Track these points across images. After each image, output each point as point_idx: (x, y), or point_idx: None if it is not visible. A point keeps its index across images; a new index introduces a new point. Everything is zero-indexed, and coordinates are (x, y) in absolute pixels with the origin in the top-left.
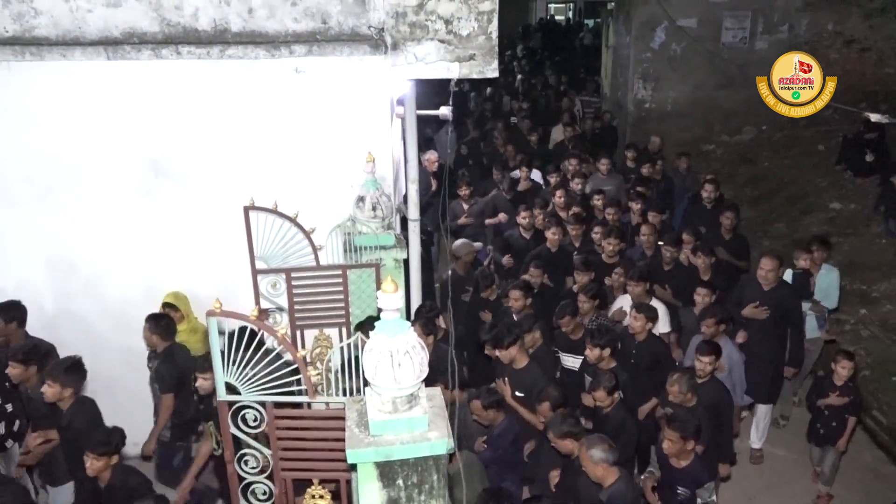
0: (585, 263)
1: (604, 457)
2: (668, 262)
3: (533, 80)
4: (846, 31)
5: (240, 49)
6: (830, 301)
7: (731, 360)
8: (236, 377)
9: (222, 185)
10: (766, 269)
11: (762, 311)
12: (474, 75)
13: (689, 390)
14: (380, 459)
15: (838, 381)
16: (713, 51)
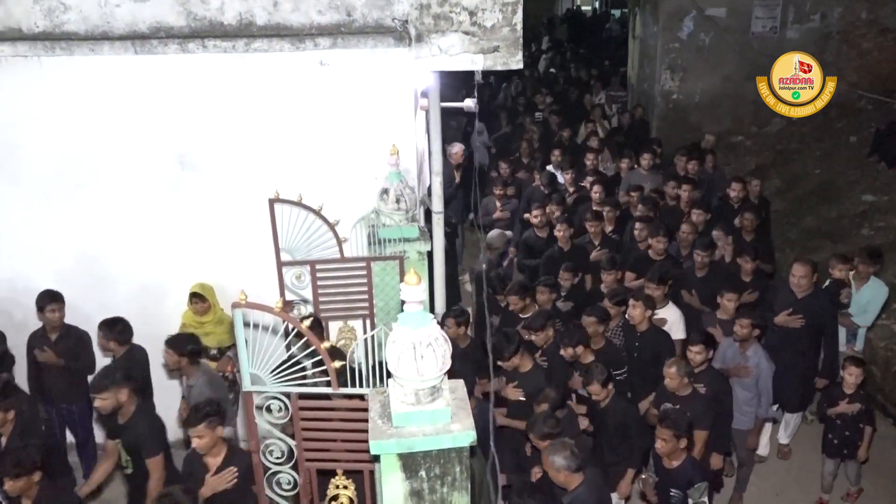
0: (611, 262)
1: (565, 464)
2: (700, 268)
3: (559, 74)
4: (880, 20)
5: (265, 42)
6: (865, 318)
7: (760, 368)
8: (261, 368)
9: (248, 178)
10: (799, 276)
11: (796, 319)
12: (499, 67)
13: (684, 374)
14: (402, 451)
15: (848, 389)
16: (742, 41)
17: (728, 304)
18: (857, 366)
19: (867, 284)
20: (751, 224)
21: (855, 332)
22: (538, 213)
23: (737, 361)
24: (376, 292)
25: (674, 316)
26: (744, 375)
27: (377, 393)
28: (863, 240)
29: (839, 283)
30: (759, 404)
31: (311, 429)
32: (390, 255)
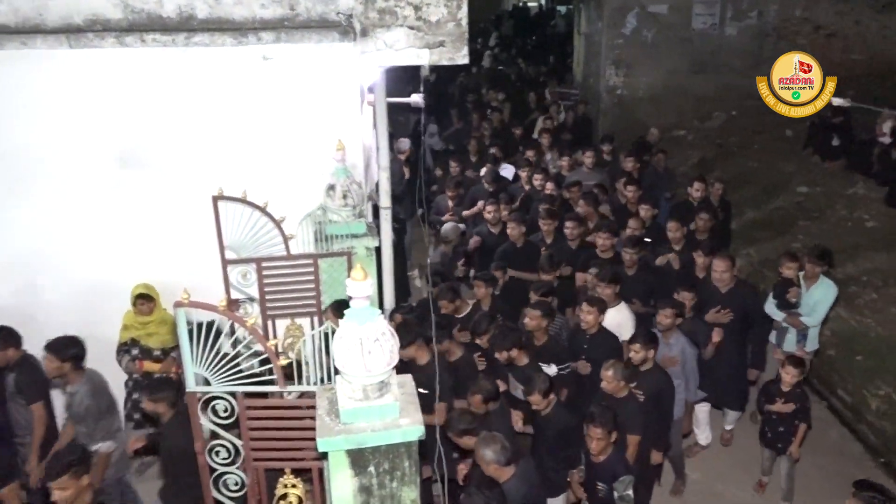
0: (550, 261)
1: (494, 457)
2: (629, 266)
3: (509, 70)
4: (814, 17)
5: (206, 36)
6: (814, 318)
7: (685, 353)
8: (206, 368)
9: (190, 175)
10: (720, 271)
11: (724, 314)
12: (444, 62)
13: (622, 378)
14: (351, 447)
15: (784, 388)
16: (684, 37)
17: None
18: (794, 366)
19: (816, 284)
20: (705, 224)
21: (805, 333)
22: (492, 208)
23: (662, 352)
24: (324, 289)
25: (620, 317)
26: (671, 365)
27: (325, 390)
28: (800, 230)
29: (787, 282)
30: (687, 389)
31: (259, 428)
32: (337, 252)
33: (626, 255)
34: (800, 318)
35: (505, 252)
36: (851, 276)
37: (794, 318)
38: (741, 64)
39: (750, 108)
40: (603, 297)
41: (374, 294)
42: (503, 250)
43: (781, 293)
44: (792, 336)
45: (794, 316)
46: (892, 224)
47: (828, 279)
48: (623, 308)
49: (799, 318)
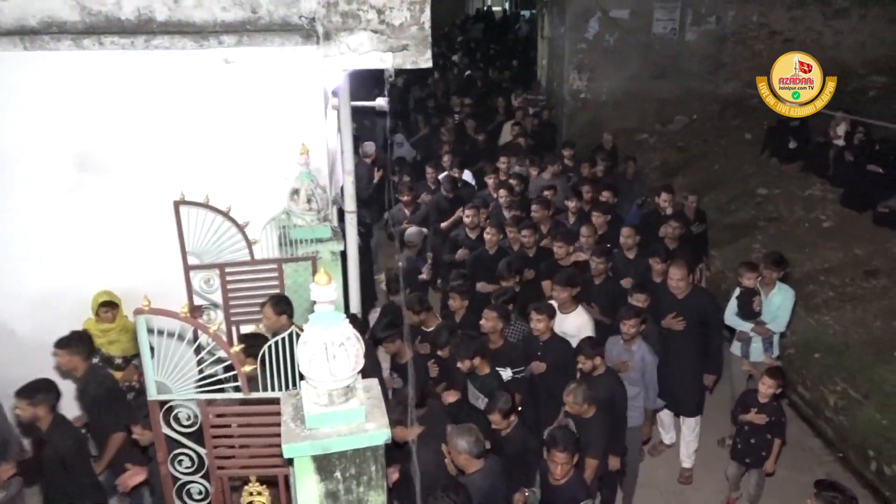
0: (508, 268)
1: (468, 448)
2: (597, 275)
3: (475, 75)
4: (770, 23)
5: (166, 39)
6: (778, 324)
7: (644, 361)
8: (168, 376)
9: (151, 180)
10: (677, 279)
11: (679, 321)
12: (408, 65)
13: (585, 401)
14: (316, 453)
15: (762, 399)
16: (645, 42)
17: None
18: (772, 377)
19: (774, 290)
20: (674, 232)
21: (771, 340)
22: (471, 213)
23: (622, 357)
24: (289, 294)
25: (579, 321)
26: (626, 369)
27: (290, 396)
28: (759, 231)
29: (750, 292)
30: (646, 397)
31: (223, 436)
32: (302, 256)
33: (594, 265)
34: (766, 326)
35: (477, 259)
36: (809, 275)
37: (760, 326)
38: (701, 68)
39: (710, 111)
40: (559, 300)
41: (340, 298)
42: (475, 257)
43: (745, 303)
44: (758, 345)
45: (761, 324)
46: (847, 224)
47: (784, 284)
48: (581, 312)
49: (766, 326)
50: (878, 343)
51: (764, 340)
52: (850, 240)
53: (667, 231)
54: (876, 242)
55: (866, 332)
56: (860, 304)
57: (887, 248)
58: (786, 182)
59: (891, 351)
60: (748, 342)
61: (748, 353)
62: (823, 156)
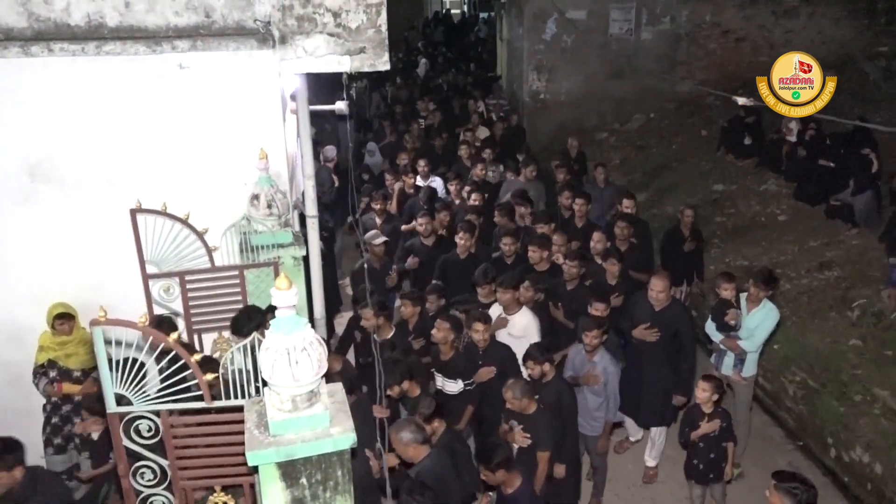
0: (484, 274)
1: (412, 437)
2: (570, 279)
3: (441, 79)
4: (723, 22)
5: (118, 45)
6: (752, 342)
7: (607, 372)
8: (127, 388)
9: (107, 188)
10: (657, 290)
11: (652, 333)
12: (366, 68)
13: (524, 395)
14: (281, 459)
15: (706, 409)
16: (602, 42)
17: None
18: (708, 381)
19: (758, 308)
20: (622, 232)
21: (743, 357)
22: (423, 221)
23: (585, 368)
24: (251, 300)
25: (525, 321)
26: (593, 383)
27: (253, 403)
28: (717, 226)
29: (725, 304)
30: (607, 408)
31: (186, 446)
32: (264, 262)
33: (566, 268)
34: (737, 342)
35: (446, 262)
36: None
37: (731, 340)
38: (657, 67)
39: (667, 110)
40: (503, 302)
41: (303, 303)
42: (445, 260)
43: (718, 314)
44: (729, 360)
45: (732, 339)
46: (801, 218)
47: (771, 304)
48: (526, 312)
49: (736, 342)
50: (834, 332)
51: (735, 356)
52: (805, 233)
53: (615, 232)
54: (829, 235)
55: (822, 322)
56: (816, 296)
57: (840, 241)
58: (742, 177)
59: (846, 340)
60: (721, 354)
61: (720, 365)
62: (777, 151)
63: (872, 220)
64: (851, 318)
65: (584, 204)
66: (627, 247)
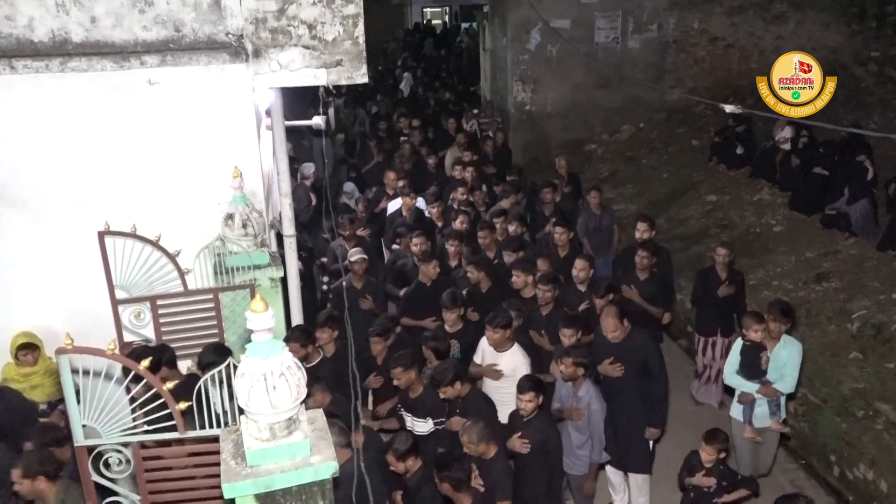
0: (453, 299)
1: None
2: (544, 304)
3: (427, 94)
4: (711, 29)
5: (83, 61)
6: (785, 383)
7: (591, 409)
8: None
9: (74, 210)
10: (609, 330)
11: (616, 368)
12: (343, 81)
13: (482, 440)
14: (259, 491)
15: (706, 464)
16: (587, 51)
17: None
18: (712, 444)
19: (780, 344)
20: (641, 262)
21: (778, 401)
22: (419, 240)
23: (571, 402)
24: (227, 325)
25: (515, 362)
26: (576, 418)
27: (229, 432)
28: (711, 239)
29: (756, 347)
30: (592, 447)
31: (158, 479)
32: (240, 285)
33: (540, 293)
34: (773, 386)
35: (417, 292)
36: (763, 281)
37: (766, 387)
38: (645, 76)
39: (656, 120)
40: (493, 341)
41: (281, 327)
42: (411, 293)
43: (751, 360)
44: (764, 408)
45: (766, 384)
46: (796, 228)
47: (790, 336)
48: (517, 351)
49: (773, 387)
50: (834, 346)
51: (770, 402)
52: (800, 243)
53: (637, 261)
54: (825, 245)
55: (821, 335)
56: (813, 308)
57: (836, 251)
58: (735, 188)
59: (846, 353)
60: (752, 405)
61: (751, 417)
62: (770, 160)
63: (869, 229)
64: (851, 330)
65: (565, 233)
66: (647, 276)
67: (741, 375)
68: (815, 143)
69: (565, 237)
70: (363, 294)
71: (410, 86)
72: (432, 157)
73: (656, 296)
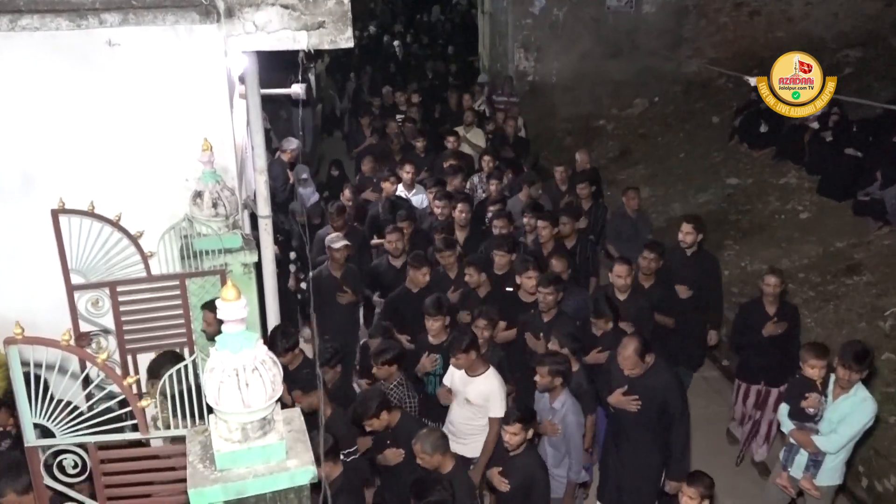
0: (437, 306)
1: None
2: (546, 310)
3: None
4: None
5: (35, 19)
6: (829, 440)
7: (566, 422)
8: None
9: (23, 186)
10: (624, 356)
11: (630, 401)
12: (325, 45)
13: (435, 450)
14: (230, 497)
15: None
16: (598, 16)
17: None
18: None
19: (847, 395)
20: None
21: (819, 458)
22: (394, 237)
23: (547, 415)
24: (194, 314)
25: (488, 389)
26: (552, 433)
27: (196, 433)
28: (729, 225)
29: (803, 384)
30: (569, 465)
31: (117, 484)
32: (209, 270)
33: (541, 296)
34: (812, 437)
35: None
36: (787, 272)
37: (804, 434)
38: (660, 45)
39: (672, 93)
40: (457, 365)
41: (255, 317)
42: (393, 300)
43: (795, 397)
44: (802, 458)
45: (806, 431)
46: (826, 215)
47: (865, 391)
48: (491, 376)
49: (811, 437)
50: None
51: (810, 456)
52: (830, 232)
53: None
54: (857, 234)
55: (851, 333)
56: (843, 303)
57: (869, 241)
58: (758, 170)
59: (878, 354)
60: (793, 449)
61: (790, 462)
62: (797, 140)
63: None
64: (884, 328)
65: (548, 227)
66: (653, 282)
67: (787, 414)
68: (848, 121)
69: (548, 232)
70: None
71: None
72: (420, 140)
73: (663, 304)
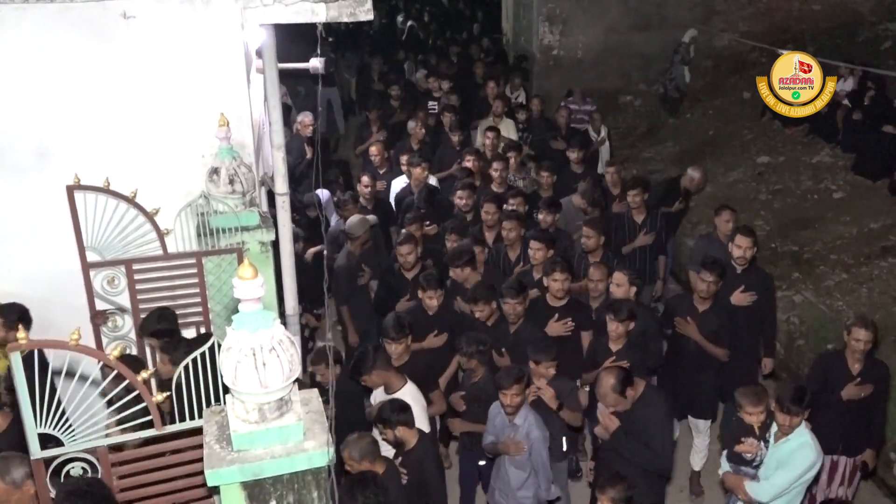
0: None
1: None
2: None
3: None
4: None
5: None
6: (767, 488)
7: (531, 438)
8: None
9: (38, 161)
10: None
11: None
12: (345, 18)
13: (364, 457)
14: (247, 479)
15: None
16: None
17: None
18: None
19: (787, 440)
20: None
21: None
22: (406, 250)
23: (507, 433)
24: (211, 293)
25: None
26: (515, 452)
27: (213, 413)
28: (760, 205)
29: (745, 426)
30: (537, 484)
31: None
32: (226, 248)
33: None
34: (745, 484)
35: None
36: (820, 254)
37: (737, 479)
38: (692, 17)
39: (703, 68)
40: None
41: (272, 296)
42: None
43: (733, 440)
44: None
45: (740, 477)
46: (860, 195)
47: (806, 435)
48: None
49: (743, 483)
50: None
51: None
52: (865, 212)
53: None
54: (893, 215)
55: (886, 317)
56: (877, 286)
57: None
58: (790, 148)
59: None
60: (731, 498)
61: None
62: (832, 117)
63: None
64: None
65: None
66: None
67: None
68: (885, 97)
69: (542, 254)
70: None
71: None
72: (458, 134)
73: (720, 333)
